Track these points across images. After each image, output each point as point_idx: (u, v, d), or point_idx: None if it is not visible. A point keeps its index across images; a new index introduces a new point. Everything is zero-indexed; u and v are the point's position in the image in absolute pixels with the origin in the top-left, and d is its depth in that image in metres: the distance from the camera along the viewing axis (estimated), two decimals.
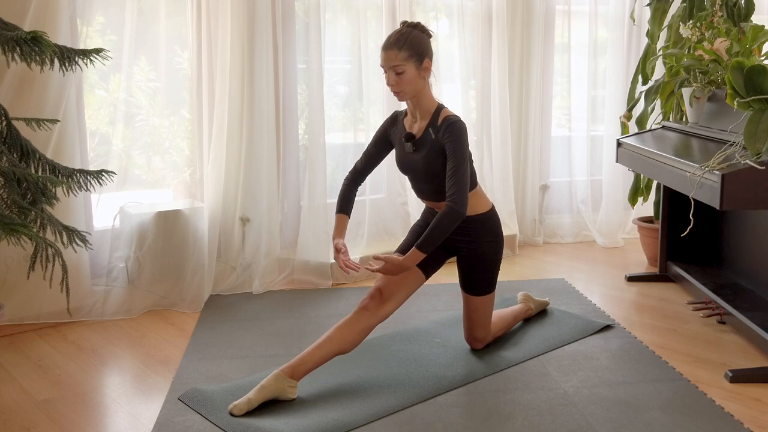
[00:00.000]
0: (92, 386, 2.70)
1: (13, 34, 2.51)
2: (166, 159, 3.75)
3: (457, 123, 2.59)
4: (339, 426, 2.34)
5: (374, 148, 2.83)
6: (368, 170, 2.85)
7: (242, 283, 3.74)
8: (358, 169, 2.83)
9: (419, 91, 2.63)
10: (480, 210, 2.78)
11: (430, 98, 2.67)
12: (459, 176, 2.52)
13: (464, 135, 2.58)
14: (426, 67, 2.60)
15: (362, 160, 2.84)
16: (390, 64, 2.56)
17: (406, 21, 2.66)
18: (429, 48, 2.63)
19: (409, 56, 2.55)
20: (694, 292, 3.51)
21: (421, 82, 2.61)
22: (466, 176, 2.54)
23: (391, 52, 2.56)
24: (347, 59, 4.09)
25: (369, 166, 2.84)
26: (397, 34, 2.59)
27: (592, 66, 4.67)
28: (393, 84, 2.58)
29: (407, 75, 2.56)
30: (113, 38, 3.51)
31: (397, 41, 2.56)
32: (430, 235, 2.51)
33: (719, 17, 3.56)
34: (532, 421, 2.38)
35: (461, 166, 2.54)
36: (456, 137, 2.56)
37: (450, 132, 2.57)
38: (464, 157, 2.56)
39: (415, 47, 2.56)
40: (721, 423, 2.37)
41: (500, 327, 3.03)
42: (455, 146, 2.56)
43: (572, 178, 4.77)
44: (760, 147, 2.56)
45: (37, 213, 2.55)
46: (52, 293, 3.11)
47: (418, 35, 2.60)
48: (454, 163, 2.54)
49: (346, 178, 2.83)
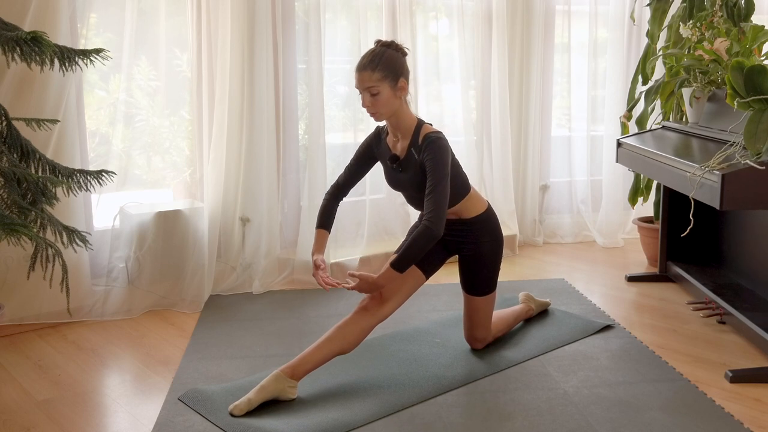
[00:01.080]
0: (92, 386, 2.70)
1: (13, 34, 2.51)
2: (166, 159, 3.75)
3: (436, 141, 2.55)
4: (339, 426, 2.34)
5: (357, 163, 2.78)
6: (350, 185, 2.80)
7: (242, 283, 3.74)
8: (340, 185, 2.79)
9: (396, 111, 2.58)
10: (477, 212, 2.78)
11: (408, 116, 2.62)
12: (436, 195, 2.49)
13: (443, 152, 2.54)
14: (402, 87, 2.55)
15: (344, 175, 2.79)
16: (364, 85, 2.51)
17: (380, 40, 2.60)
18: (404, 67, 2.57)
19: (384, 77, 2.50)
20: (694, 292, 3.51)
21: (397, 102, 2.56)
22: (444, 195, 2.50)
23: (365, 74, 2.51)
24: (347, 59, 4.09)
25: (351, 182, 2.79)
26: (371, 54, 2.53)
27: (592, 66, 4.67)
28: (368, 105, 2.53)
29: (382, 96, 2.52)
30: (113, 38, 3.51)
31: (370, 62, 2.51)
32: (406, 254, 2.48)
33: (719, 17, 3.56)
34: (532, 421, 2.38)
35: (439, 185, 2.50)
36: (435, 155, 2.52)
37: (429, 150, 2.54)
38: (442, 175, 2.51)
39: (389, 67, 2.51)
40: (721, 423, 2.37)
41: (501, 327, 3.03)
42: (434, 164, 2.52)
43: (572, 178, 4.77)
44: (760, 147, 2.56)
45: (37, 213, 2.55)
46: (52, 293, 3.11)
47: (393, 54, 2.55)
48: (432, 181, 2.51)
49: (327, 193, 2.79)
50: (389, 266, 2.50)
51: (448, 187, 2.53)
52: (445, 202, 2.50)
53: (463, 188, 2.74)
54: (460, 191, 2.72)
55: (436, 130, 2.61)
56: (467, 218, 2.77)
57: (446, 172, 2.53)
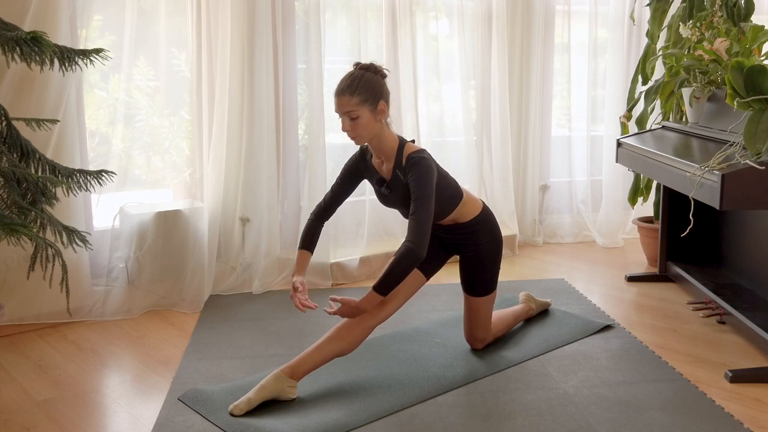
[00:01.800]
0: (92, 386, 2.70)
1: (13, 34, 2.51)
2: (166, 159, 3.75)
3: (419, 161, 2.52)
4: (339, 426, 2.34)
5: (343, 182, 2.73)
6: (336, 206, 2.75)
7: (242, 283, 3.74)
8: (325, 206, 2.73)
9: (377, 134, 2.54)
10: (473, 214, 2.78)
11: (390, 138, 2.58)
12: (419, 216, 2.46)
13: (427, 171, 2.51)
14: (381, 110, 2.51)
15: (330, 196, 2.74)
16: (343, 109, 2.48)
17: (359, 63, 2.57)
18: (384, 90, 2.54)
19: (363, 101, 2.47)
20: (694, 292, 3.50)
21: (377, 125, 2.52)
22: (427, 216, 2.47)
23: (344, 98, 2.47)
24: (347, 59, 4.09)
25: (337, 201, 2.74)
26: (349, 78, 2.50)
27: (592, 66, 4.67)
28: (348, 130, 2.50)
29: (362, 120, 2.48)
30: (113, 38, 3.51)
31: (349, 86, 2.47)
32: (388, 277, 2.45)
33: (719, 17, 3.56)
34: (532, 421, 2.38)
35: (422, 206, 2.47)
36: (418, 176, 2.50)
37: (413, 171, 2.51)
38: (426, 195, 2.48)
39: (368, 91, 2.48)
40: (721, 423, 2.37)
41: (501, 327, 3.03)
42: (417, 185, 2.49)
43: (572, 178, 4.76)
44: (760, 147, 2.56)
45: (37, 213, 2.55)
46: (52, 293, 3.11)
47: (371, 78, 2.51)
48: (416, 202, 2.48)
49: (312, 213, 2.73)
50: (372, 290, 2.48)
51: (432, 207, 2.49)
52: (428, 223, 2.47)
53: (455, 197, 2.72)
54: (452, 201, 2.71)
55: (418, 149, 2.58)
56: (465, 222, 2.78)
57: (429, 192, 2.50)
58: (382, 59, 4.13)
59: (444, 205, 2.68)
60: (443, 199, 2.66)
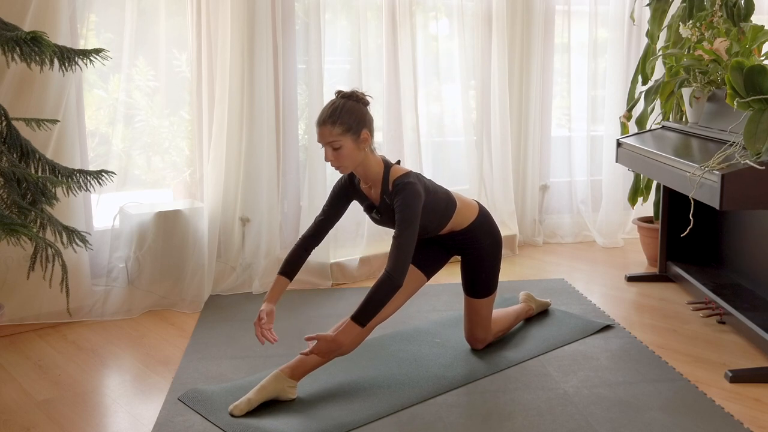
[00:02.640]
0: (92, 386, 2.70)
1: (13, 34, 2.51)
2: (166, 159, 3.75)
3: (405, 187, 2.48)
4: (339, 426, 2.34)
5: (331, 207, 2.68)
6: (325, 232, 2.68)
7: (242, 283, 3.74)
8: (313, 233, 2.66)
9: (361, 162, 2.51)
10: (470, 219, 2.78)
11: (374, 165, 2.54)
12: (401, 243, 2.42)
13: (412, 197, 2.47)
14: (364, 139, 2.47)
15: (318, 222, 2.67)
16: (325, 140, 2.44)
17: (341, 91, 2.52)
18: (366, 118, 2.49)
19: (345, 130, 2.43)
20: (694, 292, 3.50)
21: (360, 154, 2.48)
22: (409, 243, 2.44)
23: (325, 128, 2.43)
24: (347, 59, 4.09)
25: (326, 228, 2.68)
26: (331, 107, 2.46)
27: (592, 66, 4.67)
28: (331, 159, 2.46)
29: (345, 150, 2.44)
30: (113, 38, 3.51)
31: (330, 116, 2.43)
32: (366, 307, 2.41)
33: (719, 17, 3.55)
34: (532, 421, 2.38)
35: (405, 232, 2.43)
36: (402, 201, 2.47)
37: (398, 196, 2.48)
38: (410, 222, 2.45)
39: (350, 120, 2.44)
40: (721, 423, 2.37)
41: (501, 327, 3.03)
42: (401, 210, 2.46)
43: (572, 178, 4.76)
44: (760, 147, 2.56)
45: (37, 213, 2.55)
46: (52, 293, 3.11)
47: (353, 106, 2.47)
48: (398, 229, 2.45)
49: (300, 239, 2.66)
50: (350, 320, 2.42)
51: (415, 233, 2.46)
52: (409, 251, 2.44)
53: (449, 208, 2.70)
54: (446, 213, 2.70)
55: (404, 173, 2.53)
56: (463, 229, 2.78)
57: (413, 218, 2.46)
58: (382, 59, 4.13)
59: (439, 219, 2.68)
60: (437, 215, 2.65)
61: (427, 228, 2.67)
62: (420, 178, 2.60)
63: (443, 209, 2.68)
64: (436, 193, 2.66)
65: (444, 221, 2.71)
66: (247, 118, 3.67)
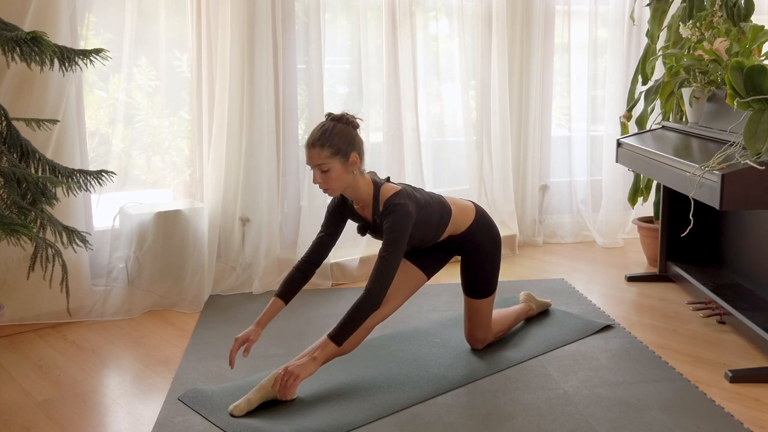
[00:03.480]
0: (92, 386, 2.70)
1: (13, 34, 2.51)
2: (166, 159, 3.75)
3: (394, 209, 2.47)
4: (339, 426, 2.34)
5: (328, 227, 2.67)
6: (324, 254, 2.68)
7: (242, 283, 3.74)
8: (312, 256, 2.65)
9: (350, 184, 2.50)
10: (468, 223, 2.78)
11: (364, 187, 2.54)
12: (385, 264, 2.43)
13: (402, 219, 2.47)
14: (353, 162, 2.46)
15: (316, 244, 2.66)
16: (314, 162, 2.44)
17: (331, 113, 2.51)
18: (355, 141, 2.48)
19: (334, 153, 2.42)
20: (694, 292, 3.50)
21: (349, 176, 2.48)
22: (393, 265, 2.44)
23: (314, 151, 2.42)
24: (347, 59, 4.09)
25: (325, 250, 2.67)
26: (320, 130, 2.45)
27: (592, 66, 4.67)
28: (319, 182, 2.46)
29: (333, 173, 2.44)
30: (113, 38, 3.51)
31: (319, 138, 2.43)
32: (344, 327, 2.42)
33: (719, 17, 3.56)
34: (532, 421, 2.38)
35: (391, 254, 2.43)
36: (392, 223, 2.46)
37: (388, 218, 2.47)
38: (397, 244, 2.45)
39: (339, 143, 2.43)
40: (721, 423, 2.37)
41: (501, 327, 3.03)
42: (389, 233, 2.46)
43: (572, 178, 4.76)
44: (760, 147, 2.56)
45: (37, 213, 2.55)
46: (52, 293, 3.11)
47: (342, 129, 2.46)
48: (385, 249, 2.44)
49: (301, 262, 2.65)
50: (326, 338, 2.42)
51: (400, 255, 2.46)
52: (392, 272, 2.45)
53: (444, 217, 2.69)
54: (442, 222, 2.69)
55: (395, 193, 2.52)
56: (461, 233, 2.78)
57: (401, 240, 2.46)
58: (382, 59, 4.13)
59: (435, 230, 2.68)
60: (432, 227, 2.66)
61: (424, 240, 2.68)
62: (411, 195, 2.57)
63: (438, 219, 2.67)
64: (429, 205, 2.64)
65: (441, 230, 2.71)
66: (247, 118, 3.67)
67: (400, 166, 4.25)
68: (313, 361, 2.42)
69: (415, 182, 4.20)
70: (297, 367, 2.41)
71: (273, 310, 2.58)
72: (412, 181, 4.20)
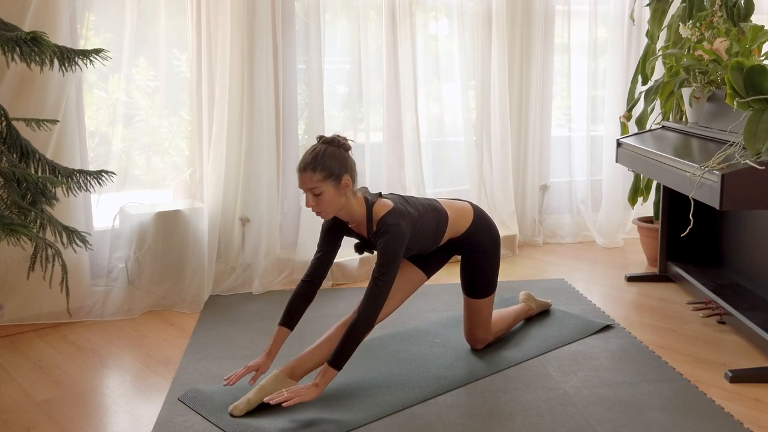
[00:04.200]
0: (92, 386, 2.70)
1: (13, 35, 2.51)
2: (166, 159, 3.75)
3: (388, 229, 2.45)
4: (339, 426, 2.34)
5: (325, 246, 2.63)
6: (322, 275, 2.64)
7: (242, 284, 3.74)
8: (310, 279, 2.62)
9: (343, 206, 2.48)
10: (466, 225, 2.77)
11: (357, 206, 2.51)
12: (378, 287, 2.41)
13: (396, 239, 2.45)
14: (346, 184, 2.44)
15: (314, 266, 2.62)
16: (306, 186, 2.42)
17: (322, 136, 2.49)
18: (347, 163, 2.45)
19: (326, 177, 2.39)
20: (694, 292, 3.50)
21: (342, 199, 2.45)
22: (386, 287, 2.42)
23: (306, 175, 2.40)
24: (347, 59, 4.09)
25: (323, 271, 2.63)
26: (312, 153, 2.42)
27: (592, 66, 4.67)
28: (312, 205, 2.44)
29: (326, 196, 2.41)
30: (113, 38, 3.51)
31: (311, 162, 2.40)
32: (341, 351, 2.40)
33: (719, 17, 3.56)
34: (532, 421, 2.38)
35: (384, 276, 2.41)
36: (385, 244, 2.44)
37: (381, 239, 2.46)
38: (390, 266, 2.43)
39: (331, 166, 2.40)
40: (721, 423, 2.37)
41: (501, 327, 3.03)
42: (383, 254, 2.44)
43: (572, 179, 4.76)
44: (760, 147, 2.56)
45: (37, 213, 2.55)
46: (52, 293, 3.11)
47: (334, 152, 2.43)
48: (378, 270, 2.42)
49: (300, 286, 2.62)
50: (327, 365, 2.41)
51: (393, 277, 2.44)
52: (385, 295, 2.43)
53: (441, 225, 2.68)
54: (439, 230, 2.68)
55: (388, 211, 2.49)
56: (461, 235, 2.78)
57: (394, 261, 2.44)
58: (382, 59, 4.14)
59: (433, 238, 2.68)
60: (429, 238, 2.65)
61: (423, 249, 2.69)
62: (403, 213, 2.53)
63: (435, 229, 2.67)
64: (424, 216, 2.62)
65: (439, 238, 2.71)
66: (247, 118, 3.67)
67: (400, 166, 4.25)
68: (315, 387, 2.40)
69: (415, 182, 4.20)
70: (302, 390, 2.39)
71: (280, 339, 2.58)
72: (412, 181, 4.20)
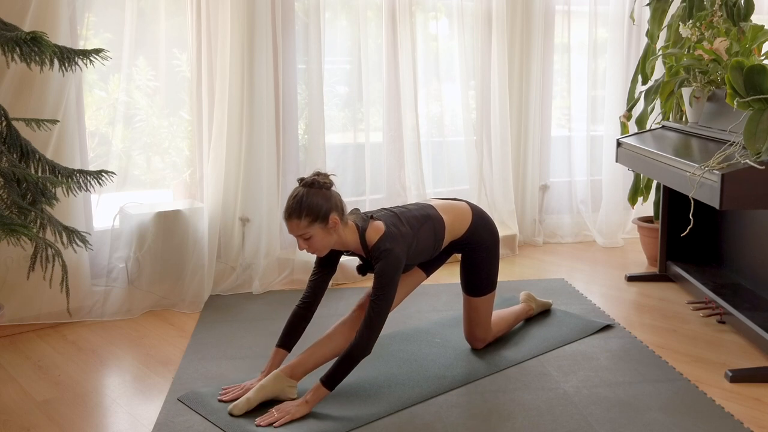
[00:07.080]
0: (92, 386, 2.70)
1: (13, 35, 2.51)
2: (166, 159, 3.75)
3: (381, 256, 2.44)
4: (339, 426, 2.34)
5: (323, 266, 2.64)
6: (321, 293, 2.65)
7: (242, 284, 3.74)
8: (308, 300, 2.62)
9: (336, 241, 2.49)
10: (465, 227, 2.77)
11: (351, 235, 2.51)
12: (376, 310, 2.40)
13: (392, 266, 2.44)
14: (334, 223, 2.43)
15: (313, 284, 2.63)
16: (295, 233, 2.43)
17: (303, 179, 2.47)
18: (331, 202, 2.43)
19: (312, 221, 2.39)
20: (694, 292, 3.50)
21: (332, 237, 2.46)
22: (384, 312, 2.42)
23: (292, 223, 2.41)
24: (347, 59, 4.09)
25: (321, 289, 2.64)
26: (294, 200, 2.41)
27: (592, 66, 4.67)
28: (305, 249, 2.46)
29: (316, 238, 2.42)
30: (112, 38, 3.51)
31: (295, 209, 2.39)
32: (336, 372, 2.40)
33: (719, 17, 3.56)
34: (532, 421, 2.38)
35: (380, 298, 2.41)
36: (381, 270, 2.43)
37: (378, 262, 2.45)
38: (387, 292, 2.42)
39: (315, 210, 2.39)
40: (721, 423, 2.37)
41: (501, 327, 3.03)
42: (379, 279, 2.43)
43: (572, 178, 4.76)
44: (760, 147, 2.56)
45: (37, 213, 2.55)
46: (52, 293, 3.11)
47: (316, 194, 2.41)
48: (375, 294, 2.42)
49: (298, 307, 2.62)
50: (320, 384, 2.41)
51: (390, 302, 2.44)
52: (382, 320, 2.42)
53: (438, 233, 2.68)
54: (437, 239, 2.68)
55: (380, 238, 2.47)
56: (461, 236, 2.78)
57: (391, 287, 2.43)
58: (382, 59, 4.14)
59: (433, 247, 2.68)
60: (429, 248, 2.66)
61: (425, 259, 2.69)
62: (396, 236, 2.50)
63: (433, 240, 2.66)
64: (420, 231, 2.61)
65: (438, 246, 2.71)
66: (247, 118, 3.67)
67: (400, 166, 4.25)
68: (306, 404, 2.41)
69: (415, 182, 4.21)
70: (291, 407, 2.39)
71: (277, 360, 2.59)
72: (412, 181, 4.20)
